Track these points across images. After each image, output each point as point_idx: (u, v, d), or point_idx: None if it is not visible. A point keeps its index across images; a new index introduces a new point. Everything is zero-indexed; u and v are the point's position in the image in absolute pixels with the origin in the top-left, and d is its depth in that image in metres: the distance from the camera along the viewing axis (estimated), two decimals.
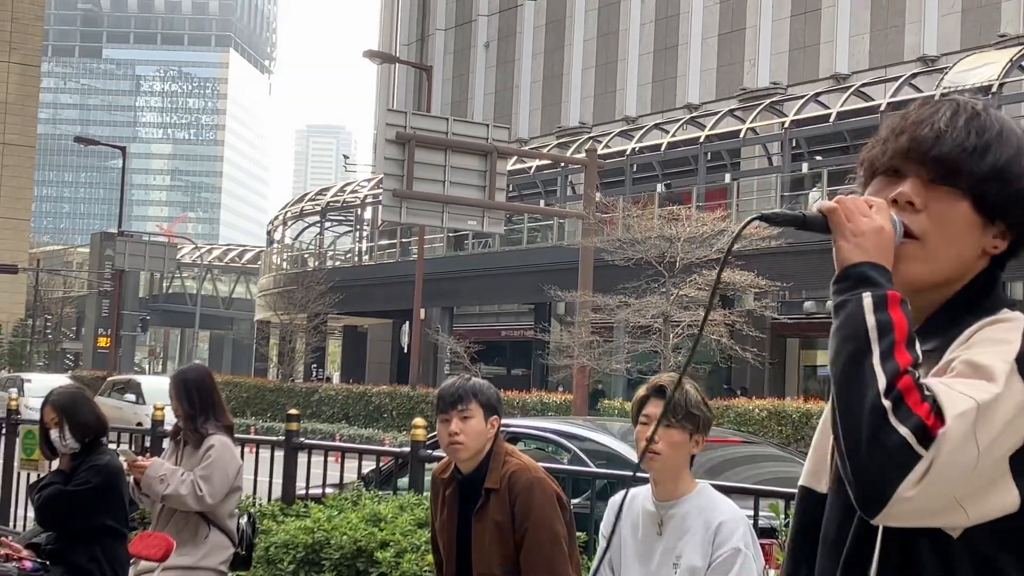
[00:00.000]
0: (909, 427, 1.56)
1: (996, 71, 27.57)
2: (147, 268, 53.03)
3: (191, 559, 5.90)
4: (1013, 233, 1.83)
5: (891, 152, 1.84)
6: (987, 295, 1.83)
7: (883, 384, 1.59)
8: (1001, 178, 1.78)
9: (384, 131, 25.11)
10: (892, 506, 1.58)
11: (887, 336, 1.62)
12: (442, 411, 4.34)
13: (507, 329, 43.89)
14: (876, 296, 1.66)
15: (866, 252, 1.71)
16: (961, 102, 1.84)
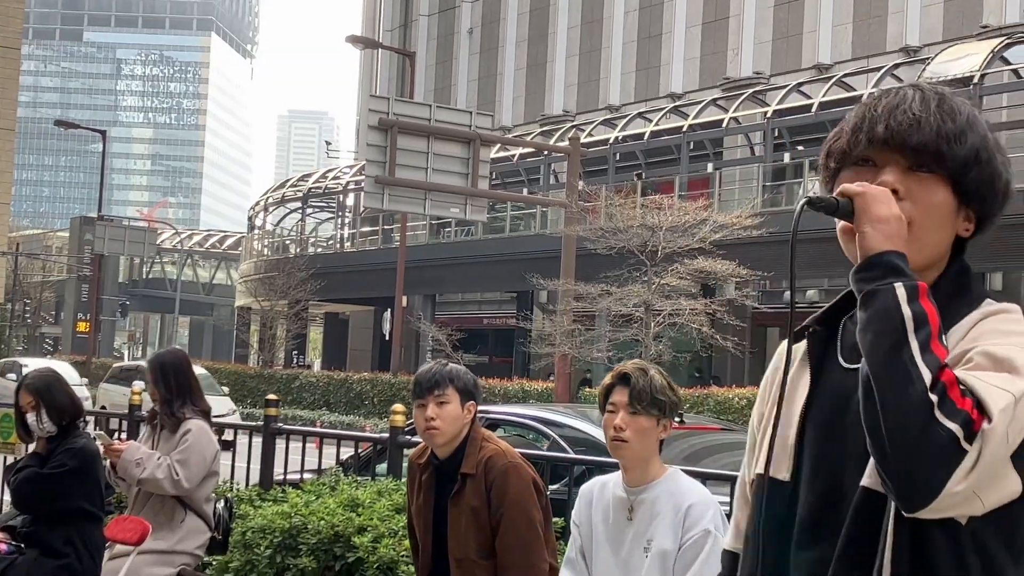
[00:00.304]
0: (958, 422, 1.57)
1: (978, 62, 27.64)
2: (127, 253, 52.83)
3: (167, 543, 5.89)
4: (978, 216, 1.86)
5: (865, 142, 1.84)
6: (967, 283, 1.85)
7: (928, 379, 1.59)
8: (978, 162, 1.81)
9: (366, 117, 25.04)
10: (940, 501, 1.59)
11: (924, 328, 1.63)
12: (419, 396, 4.34)
13: (489, 317, 43.89)
14: (908, 287, 1.66)
15: (891, 239, 1.72)
16: (925, 89, 1.85)
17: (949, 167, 1.80)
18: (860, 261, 1.73)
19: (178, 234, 77.04)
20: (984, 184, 1.83)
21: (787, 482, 1.88)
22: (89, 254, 56.14)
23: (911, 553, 1.71)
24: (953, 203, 1.83)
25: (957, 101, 1.85)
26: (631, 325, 24.16)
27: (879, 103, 1.85)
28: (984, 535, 1.70)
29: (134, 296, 73.60)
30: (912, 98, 1.83)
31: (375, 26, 55.30)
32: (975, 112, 1.86)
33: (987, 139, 1.84)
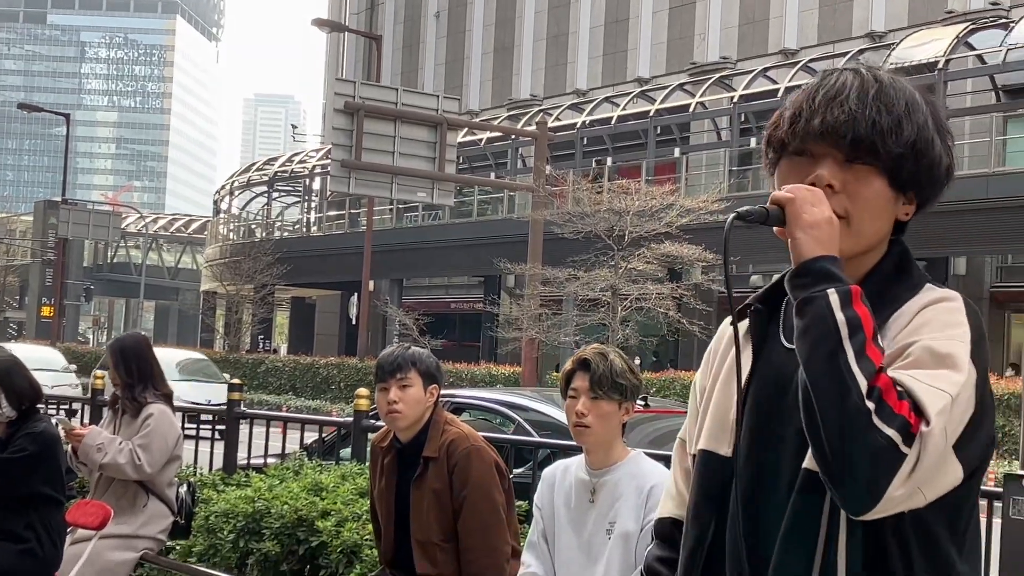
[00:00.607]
0: (895, 428, 1.59)
1: (942, 47, 27.78)
2: (91, 237, 52.44)
3: (129, 528, 5.86)
4: (918, 199, 1.88)
5: (802, 135, 1.83)
6: (907, 266, 1.87)
7: (864, 386, 1.60)
8: (915, 153, 1.82)
9: (333, 101, 24.92)
10: (881, 505, 1.62)
11: (858, 333, 1.64)
12: (381, 380, 4.33)
13: (456, 301, 43.85)
14: (841, 292, 1.67)
15: (823, 244, 1.72)
16: (864, 75, 1.84)
17: (884, 160, 1.81)
18: (793, 267, 1.74)
19: (143, 218, 76.51)
20: (922, 172, 1.84)
21: (728, 458, 1.90)
22: (53, 238, 55.68)
23: (849, 535, 1.73)
24: (890, 193, 1.84)
25: (897, 88, 1.84)
26: (598, 309, 24.21)
27: (817, 93, 1.84)
28: (927, 519, 1.72)
29: (99, 280, 73.11)
30: (850, 88, 1.82)
31: (341, 9, 55.01)
32: (916, 96, 1.85)
33: (926, 126, 1.83)
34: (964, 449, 1.68)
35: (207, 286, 50.81)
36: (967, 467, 1.69)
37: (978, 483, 1.78)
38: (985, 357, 1.73)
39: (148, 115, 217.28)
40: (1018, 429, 17.38)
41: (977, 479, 1.76)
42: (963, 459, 1.68)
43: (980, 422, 1.70)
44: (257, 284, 41.41)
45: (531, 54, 45.73)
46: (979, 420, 1.70)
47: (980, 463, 1.74)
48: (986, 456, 1.75)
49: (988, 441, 1.74)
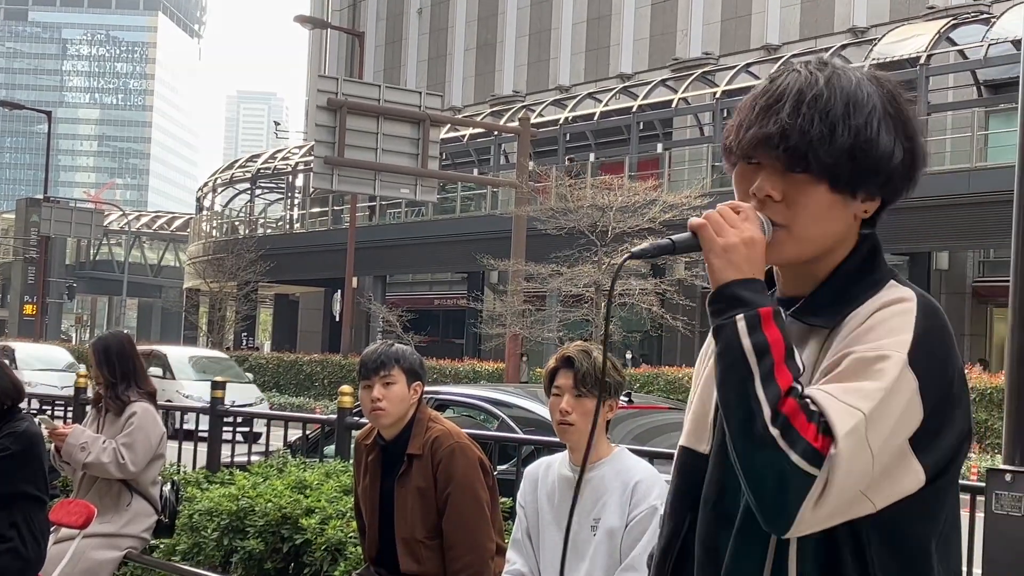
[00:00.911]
0: (798, 452, 1.59)
1: (924, 43, 27.87)
2: (73, 235, 52.31)
3: (113, 526, 5.85)
4: (882, 194, 1.85)
5: (744, 144, 1.83)
6: (872, 264, 1.85)
7: (768, 412, 1.61)
8: (851, 156, 1.77)
9: (315, 97, 24.88)
10: (797, 526, 1.62)
11: (765, 358, 1.65)
12: (364, 377, 4.33)
13: (440, 298, 43.83)
14: (749, 317, 1.67)
15: (737, 268, 1.72)
16: (805, 78, 1.82)
17: (817, 168, 1.78)
18: (710, 293, 1.75)
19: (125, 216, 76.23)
20: (867, 172, 1.80)
21: (706, 455, 1.90)
22: (35, 236, 55.51)
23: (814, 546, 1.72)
24: (833, 198, 1.80)
25: (839, 88, 1.81)
26: (582, 305, 24.23)
27: (757, 102, 1.83)
28: (896, 523, 1.71)
29: (81, 278, 72.84)
30: (787, 96, 1.79)
31: (324, 6, 54.89)
32: (863, 93, 1.82)
33: (868, 127, 1.79)
34: (926, 452, 1.67)
35: (190, 283, 50.69)
36: (931, 469, 1.69)
37: (951, 481, 1.76)
38: (937, 359, 1.71)
39: (130, 112, 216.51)
40: (1001, 424, 17.42)
41: (949, 478, 1.75)
42: (925, 461, 1.68)
43: (941, 425, 1.69)
44: (240, 281, 41.33)
45: (514, 50, 45.72)
46: (942, 414, 1.69)
47: (949, 463, 1.73)
48: (956, 455, 1.74)
49: (957, 440, 1.73)
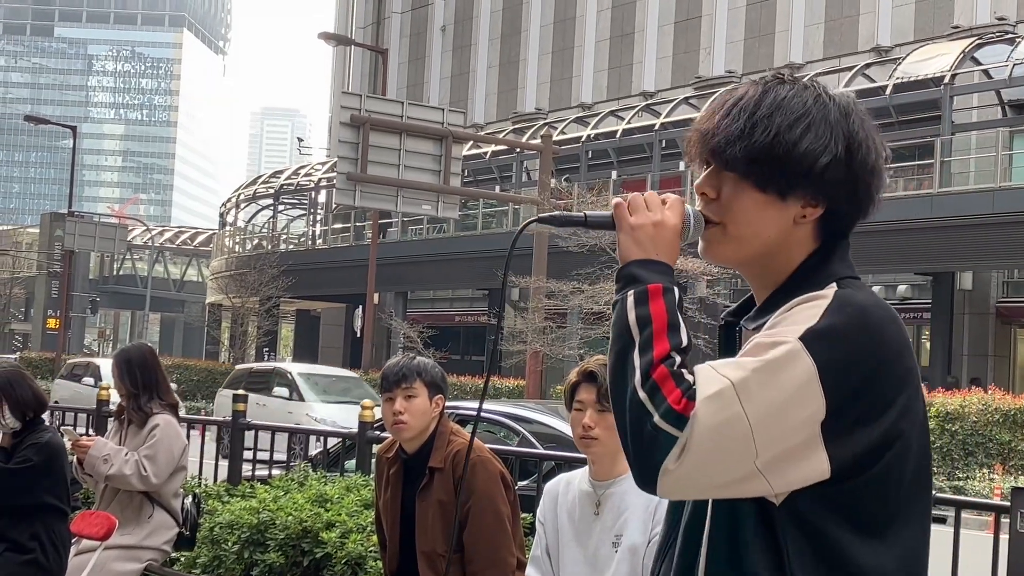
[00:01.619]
0: (660, 414, 1.70)
1: (948, 62, 27.79)
2: (97, 249, 52.48)
3: (134, 538, 5.85)
4: (822, 199, 1.88)
5: (692, 146, 1.94)
6: (816, 273, 1.89)
7: (638, 377, 1.73)
8: (769, 154, 1.83)
9: (339, 114, 24.95)
10: (661, 481, 1.71)
11: (645, 329, 1.77)
12: (386, 390, 4.32)
13: (461, 314, 43.85)
14: (637, 292, 1.80)
15: (641, 247, 1.86)
16: (754, 87, 1.90)
17: (738, 167, 1.85)
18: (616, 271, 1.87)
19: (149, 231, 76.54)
20: (789, 173, 1.84)
21: None
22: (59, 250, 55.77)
23: (728, 536, 1.81)
24: (761, 197, 1.86)
25: (772, 94, 1.87)
26: (602, 323, 24.19)
27: (706, 111, 1.95)
28: (813, 515, 1.76)
29: (104, 293, 73.20)
30: (730, 100, 1.89)
31: (348, 23, 55.15)
32: (796, 100, 1.87)
33: (792, 128, 1.83)
34: (835, 441, 1.72)
35: (212, 298, 50.85)
36: (836, 463, 1.73)
37: (878, 485, 1.78)
38: (844, 353, 1.74)
39: (155, 128, 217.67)
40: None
41: (868, 479, 1.77)
42: (834, 451, 1.72)
43: (860, 416, 1.74)
44: (262, 296, 41.43)
45: (536, 68, 45.81)
46: (857, 413, 1.74)
47: (869, 462, 1.76)
48: (881, 455, 1.77)
49: (885, 439, 1.77)
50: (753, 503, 1.77)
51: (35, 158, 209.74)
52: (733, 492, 1.74)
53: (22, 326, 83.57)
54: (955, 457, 18.29)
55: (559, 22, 45.27)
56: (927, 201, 25.51)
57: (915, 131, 28.60)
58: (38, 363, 46.70)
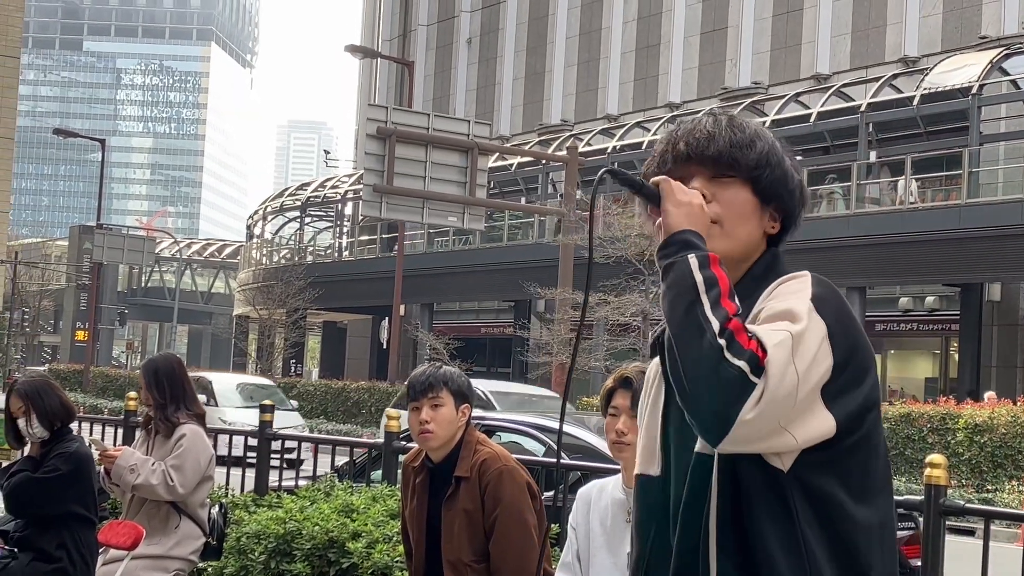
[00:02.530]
0: (744, 359, 1.81)
1: (976, 72, 27.66)
2: (126, 261, 52.83)
3: (161, 548, 5.86)
4: (781, 215, 2.13)
5: (671, 161, 2.12)
6: (774, 266, 2.11)
7: (717, 327, 1.84)
8: (769, 164, 2.10)
9: (365, 126, 25.03)
10: (735, 430, 1.81)
11: (714, 288, 1.88)
12: (413, 399, 4.32)
13: (487, 326, 43.86)
14: (700, 256, 1.92)
15: (690, 220, 1.98)
16: (716, 112, 2.16)
17: (743, 170, 2.09)
18: (662, 241, 1.98)
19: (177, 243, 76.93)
20: (778, 183, 2.11)
21: (658, 477, 2.11)
22: (88, 263, 56.16)
23: (733, 507, 1.92)
24: (754, 201, 2.10)
25: (744, 120, 2.15)
26: (629, 334, 24.14)
27: (678, 130, 2.15)
28: (815, 477, 1.90)
29: (133, 305, 73.59)
30: (705, 121, 2.13)
31: (374, 36, 55.35)
32: (761, 127, 2.17)
33: (775, 147, 2.13)
34: (835, 401, 1.88)
35: (240, 310, 51.05)
36: (840, 419, 1.88)
37: (863, 444, 1.94)
38: (838, 316, 1.92)
39: (182, 141, 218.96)
40: None
41: (858, 439, 1.93)
42: (835, 410, 1.88)
43: (852, 377, 1.91)
44: (289, 308, 41.56)
45: (562, 80, 45.85)
46: (850, 374, 1.91)
47: (858, 423, 1.92)
48: (863, 419, 1.93)
49: (865, 404, 1.93)
50: (760, 472, 1.90)
51: (64, 171, 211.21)
52: (766, 446, 1.86)
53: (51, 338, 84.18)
54: (984, 469, 18.14)
55: (585, 34, 45.30)
56: (955, 212, 25.38)
57: (943, 142, 28.47)
58: (67, 375, 46.98)
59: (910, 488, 15.79)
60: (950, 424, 18.56)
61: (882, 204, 28.23)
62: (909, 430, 19.02)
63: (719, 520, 1.93)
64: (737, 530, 1.91)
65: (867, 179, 28.74)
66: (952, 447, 18.16)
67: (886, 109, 29.75)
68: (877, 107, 29.65)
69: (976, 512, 5.00)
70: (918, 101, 28.43)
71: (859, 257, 26.35)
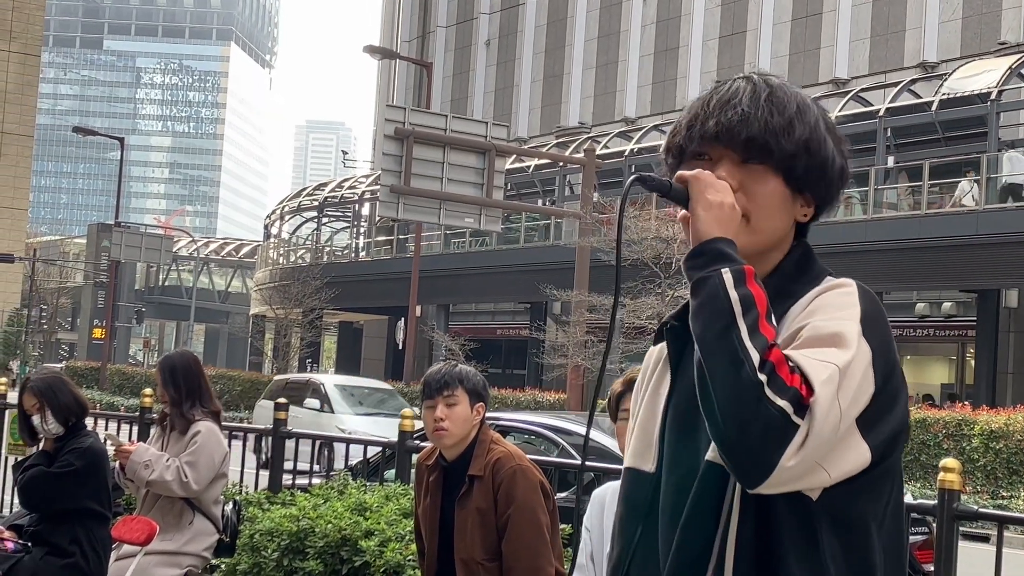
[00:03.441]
0: (787, 399, 1.63)
1: (995, 78, 27.56)
2: (143, 260, 53.00)
3: (174, 544, 5.88)
4: (816, 200, 1.94)
5: (698, 138, 1.91)
6: (808, 263, 1.94)
7: (756, 359, 1.65)
8: (807, 151, 1.89)
9: (383, 127, 25.07)
10: (776, 475, 1.65)
11: (751, 311, 1.70)
12: (428, 397, 4.33)
13: (502, 328, 43.86)
14: (735, 271, 1.73)
15: (722, 225, 1.79)
16: (756, 81, 1.93)
17: (777, 159, 1.87)
18: (691, 247, 1.80)
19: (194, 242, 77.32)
20: (815, 172, 1.90)
21: (652, 473, 1.94)
22: (106, 261, 56.37)
23: (757, 532, 1.76)
24: (786, 191, 1.90)
25: (788, 92, 1.92)
26: (644, 337, 24.11)
27: (712, 98, 1.93)
28: (844, 504, 1.75)
29: (150, 303, 73.83)
30: (743, 92, 1.91)
31: (393, 37, 55.42)
32: (807, 101, 1.93)
33: (818, 128, 1.90)
34: (871, 429, 1.71)
35: (256, 310, 51.15)
36: (875, 448, 1.73)
37: (891, 471, 1.81)
38: (882, 337, 1.76)
39: (201, 140, 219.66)
40: None
41: (888, 467, 1.79)
42: (870, 439, 1.71)
43: (886, 404, 1.74)
44: (306, 308, 41.63)
45: (580, 82, 45.84)
46: (885, 401, 1.74)
47: (890, 449, 1.77)
48: (895, 443, 1.78)
49: (898, 427, 1.78)
50: (787, 500, 1.73)
51: (83, 169, 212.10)
52: (801, 485, 1.70)
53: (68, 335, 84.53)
54: (999, 476, 18.07)
55: (603, 36, 45.28)
56: (973, 218, 25.29)
57: (961, 147, 28.37)
58: (84, 372, 47.15)
59: (924, 493, 15.73)
60: (966, 430, 18.49)
61: (899, 209, 28.15)
62: (924, 436, 18.95)
63: (738, 553, 1.76)
64: (759, 564, 1.76)
65: (885, 184, 28.65)
66: (967, 453, 18.09)
67: (904, 114, 29.66)
68: (895, 112, 29.56)
69: (989, 517, 4.98)
70: (936, 106, 28.34)
71: (876, 262, 26.26)
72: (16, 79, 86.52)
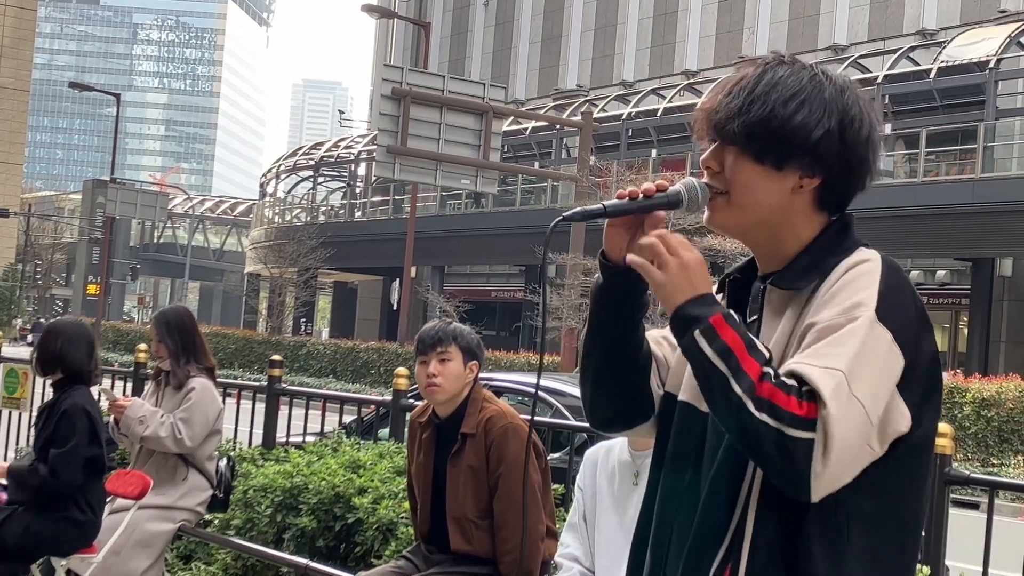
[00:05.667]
0: (787, 423, 1.73)
1: (994, 47, 27.48)
2: (138, 217, 52.86)
3: (168, 499, 5.91)
4: (819, 170, 1.98)
5: (699, 123, 2.05)
6: (842, 237, 2.01)
7: (751, 403, 1.76)
8: (766, 129, 1.94)
9: (380, 86, 24.98)
10: (814, 486, 1.75)
11: (730, 359, 1.79)
12: (421, 353, 4.34)
13: (497, 290, 43.88)
14: (703, 330, 1.83)
15: (680, 290, 1.89)
16: (760, 64, 2.00)
17: (736, 140, 1.95)
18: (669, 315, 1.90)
19: (190, 199, 77.12)
20: (785, 145, 1.93)
21: (707, 414, 1.97)
22: (101, 217, 56.28)
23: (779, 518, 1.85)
24: (759, 168, 1.95)
25: (769, 74, 1.97)
26: None
27: (719, 86, 2.04)
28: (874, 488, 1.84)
29: (145, 260, 73.77)
30: (735, 79, 2.00)
31: None
32: (792, 79, 1.97)
33: (787, 104, 1.93)
34: (907, 393, 1.82)
35: (251, 268, 51.13)
36: (912, 411, 1.82)
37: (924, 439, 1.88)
38: (905, 313, 1.84)
39: (197, 98, 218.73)
40: None
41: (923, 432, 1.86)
42: (909, 401, 1.82)
43: (922, 372, 1.84)
44: (300, 268, 41.61)
45: (578, 45, 45.65)
46: (918, 370, 1.83)
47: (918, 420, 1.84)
48: (931, 401, 1.87)
49: (929, 393, 1.87)
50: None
51: (79, 125, 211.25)
52: (856, 470, 1.79)
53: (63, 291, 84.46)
54: (990, 444, 18.15)
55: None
56: (968, 186, 25.29)
57: (959, 115, 28.32)
58: None
59: None
60: (957, 398, 18.55)
61: (895, 177, 28.13)
62: None
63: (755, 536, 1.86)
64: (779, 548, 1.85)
65: (881, 151, 28.63)
66: (959, 421, 18.16)
67: (902, 81, 29.59)
68: (893, 79, 29.49)
69: (981, 482, 5.00)
70: (935, 74, 28.27)
71: (870, 229, 26.15)
72: (12, 33, 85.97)
